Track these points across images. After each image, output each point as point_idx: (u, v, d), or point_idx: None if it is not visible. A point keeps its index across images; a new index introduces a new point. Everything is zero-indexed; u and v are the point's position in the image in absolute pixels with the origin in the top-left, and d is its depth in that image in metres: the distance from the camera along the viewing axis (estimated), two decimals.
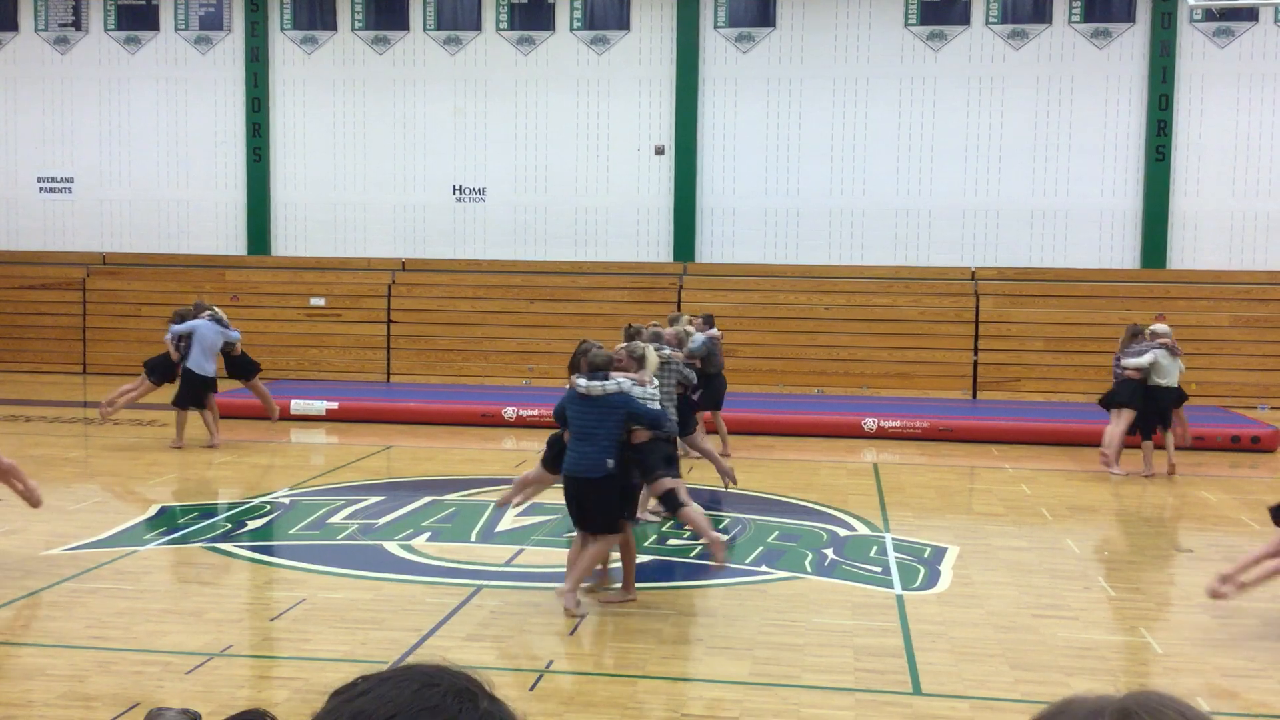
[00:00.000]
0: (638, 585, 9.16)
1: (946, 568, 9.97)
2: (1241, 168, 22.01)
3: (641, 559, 9.98)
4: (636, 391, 8.69)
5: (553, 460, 8.95)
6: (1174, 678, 7.41)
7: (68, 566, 9.55)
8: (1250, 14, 21.70)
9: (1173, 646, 8.08)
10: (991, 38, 22.35)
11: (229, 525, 11.21)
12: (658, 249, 23.33)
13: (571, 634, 8.15)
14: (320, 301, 23.29)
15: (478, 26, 23.55)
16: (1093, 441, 15.69)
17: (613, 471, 8.37)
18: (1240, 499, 13.12)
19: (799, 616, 8.51)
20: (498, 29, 23.51)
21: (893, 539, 10.96)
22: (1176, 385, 14.33)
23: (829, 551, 10.47)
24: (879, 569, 9.92)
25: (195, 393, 15.39)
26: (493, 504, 10.75)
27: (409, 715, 1.15)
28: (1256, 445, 16.49)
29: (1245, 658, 7.95)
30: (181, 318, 15.72)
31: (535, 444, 16.30)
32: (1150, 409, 14.25)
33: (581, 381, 8.54)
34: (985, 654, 7.78)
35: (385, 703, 1.17)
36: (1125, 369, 14.28)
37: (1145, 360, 14.10)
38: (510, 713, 1.23)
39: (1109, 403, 14.54)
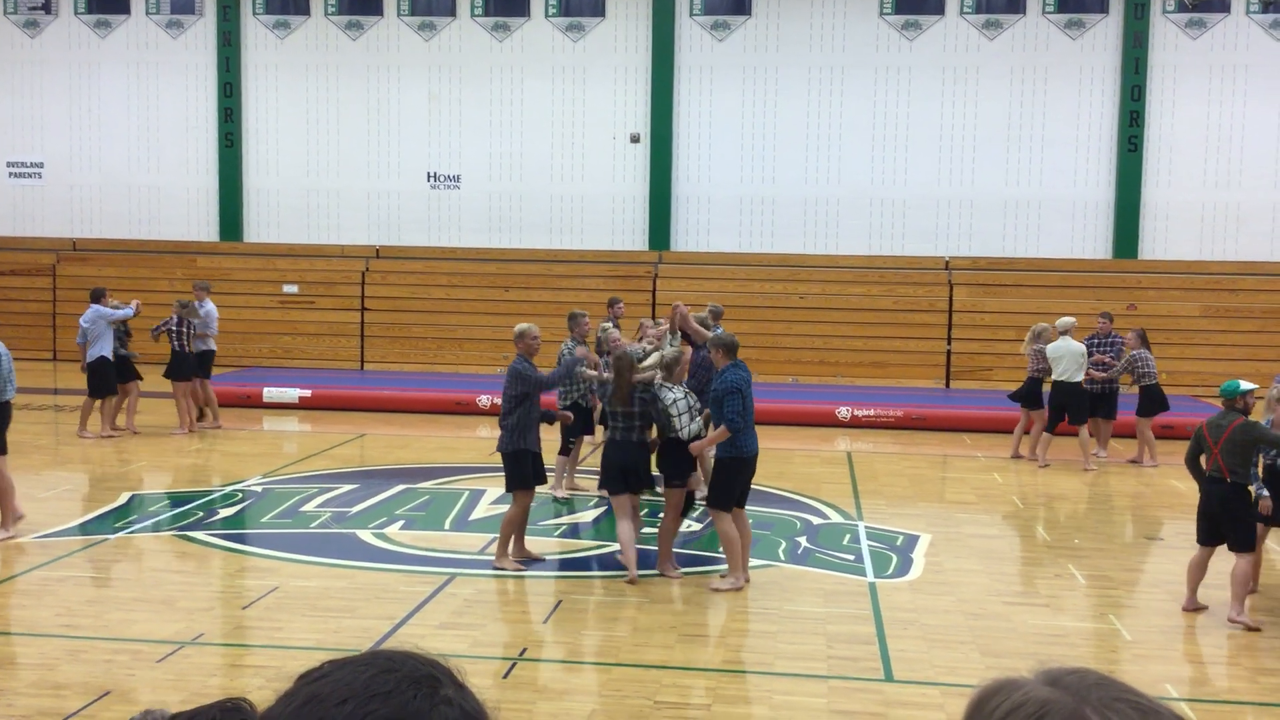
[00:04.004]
0: (614, 574, 9.20)
1: (919, 555, 10.03)
2: (1213, 159, 22.16)
3: (617, 548, 10.00)
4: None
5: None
6: (1143, 664, 7.48)
7: (38, 554, 9.49)
8: (1222, 5, 21.83)
9: (1141, 634, 8.16)
10: (966, 28, 22.41)
11: (201, 513, 11.15)
12: (633, 237, 23.31)
13: (545, 621, 8.15)
14: (293, 288, 23.16)
15: (452, 12, 23.44)
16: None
17: None
18: None
19: (772, 604, 8.55)
20: (472, 15, 23.40)
21: (865, 527, 11.01)
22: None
23: (802, 539, 10.52)
24: (852, 556, 9.97)
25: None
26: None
27: (361, 700, 1.15)
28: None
29: (1213, 645, 8.04)
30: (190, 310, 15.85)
31: None
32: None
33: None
34: (956, 641, 7.83)
35: (340, 686, 1.18)
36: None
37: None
38: (477, 702, 1.22)
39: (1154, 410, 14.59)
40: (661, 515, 9.56)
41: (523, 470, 9.28)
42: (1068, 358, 14.20)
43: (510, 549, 9.38)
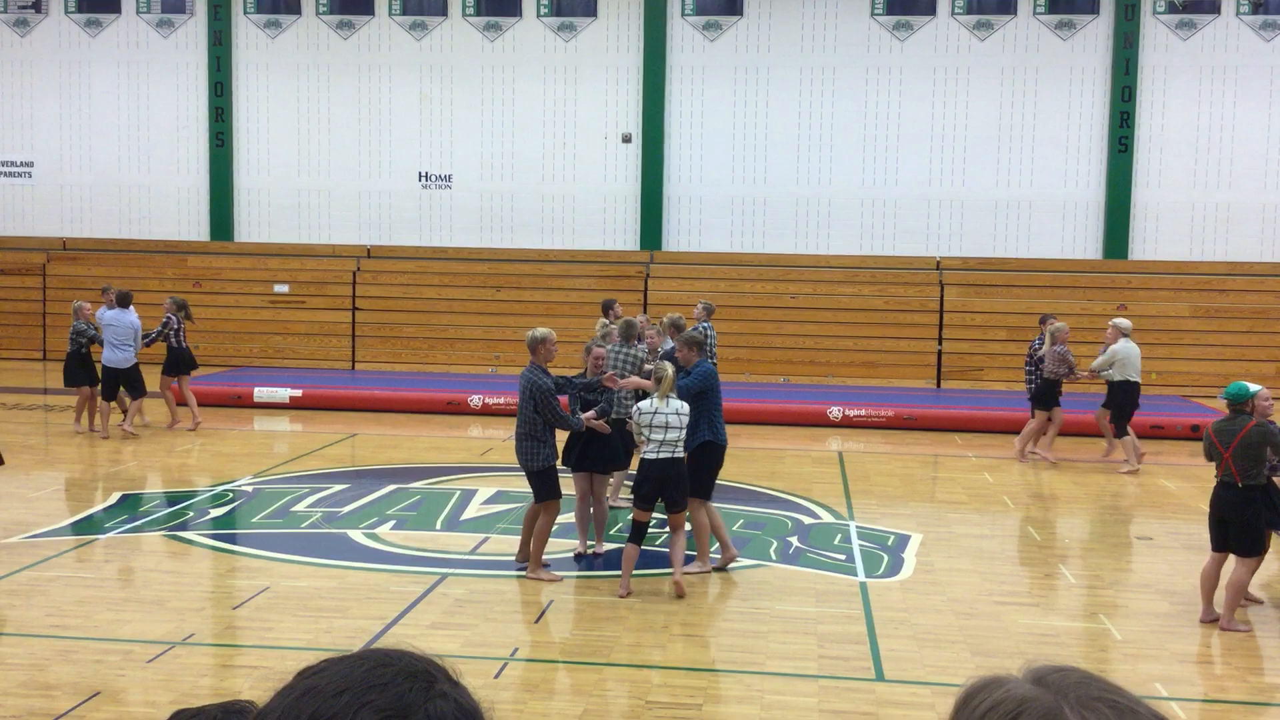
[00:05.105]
0: (608, 574, 9.21)
1: (909, 555, 10.04)
2: (1203, 159, 22.23)
3: (606, 546, 10.01)
4: None
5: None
6: (1133, 664, 7.50)
7: (27, 554, 9.46)
8: (1212, 6, 21.90)
9: (1132, 633, 8.18)
10: (957, 28, 22.45)
11: (191, 513, 11.13)
12: (624, 237, 23.31)
13: (536, 621, 8.15)
14: (284, 288, 23.11)
15: (444, 12, 23.42)
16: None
17: None
18: (1199, 487, 13.25)
19: (763, 604, 8.55)
20: (464, 14, 23.38)
21: (857, 527, 11.02)
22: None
23: (794, 539, 10.52)
24: (843, 556, 9.98)
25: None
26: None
27: (358, 692, 1.18)
28: None
29: (1202, 644, 8.06)
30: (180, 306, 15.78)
31: (501, 431, 16.29)
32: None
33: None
34: (947, 640, 7.84)
35: (337, 679, 1.20)
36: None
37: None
38: (472, 699, 1.24)
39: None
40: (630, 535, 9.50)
41: (552, 482, 9.08)
42: (1133, 357, 14.36)
43: (518, 551, 9.37)
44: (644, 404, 8.81)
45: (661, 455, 8.71)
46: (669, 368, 8.88)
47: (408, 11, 23.46)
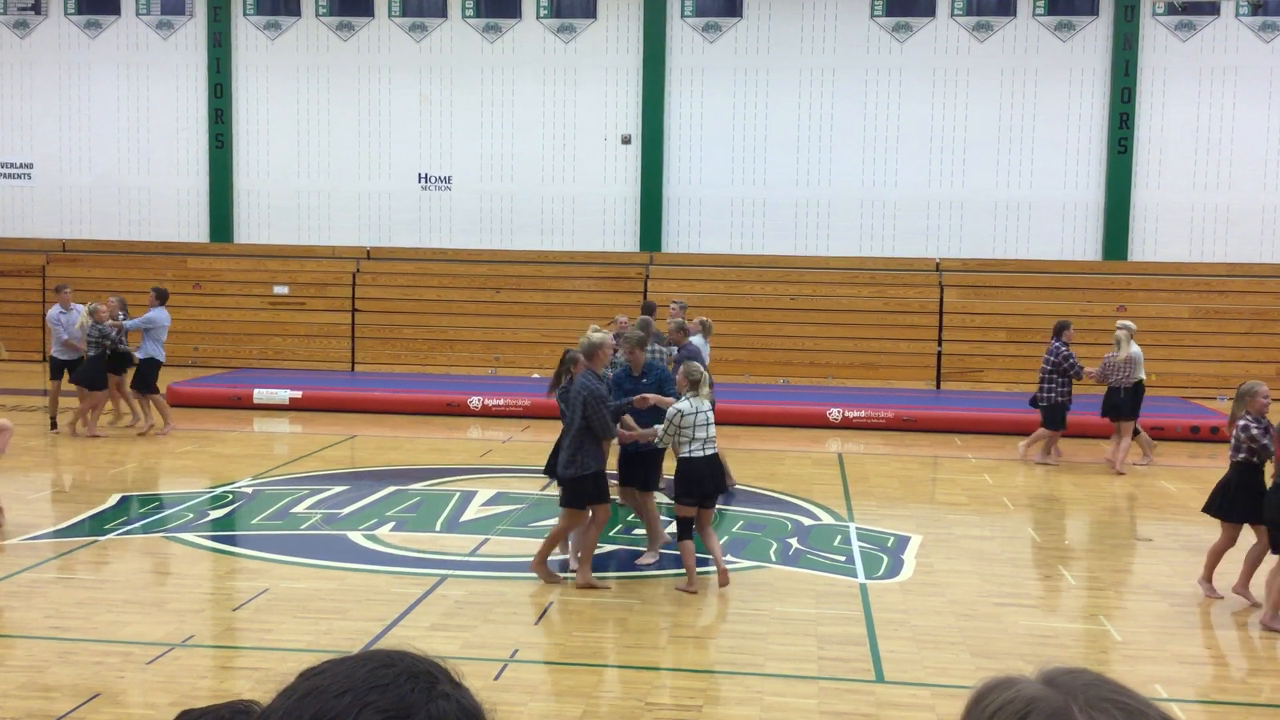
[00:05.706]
0: (603, 574, 9.21)
1: (909, 556, 10.04)
2: (1202, 161, 22.23)
3: (606, 548, 10.02)
4: None
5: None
6: (1132, 665, 7.50)
7: (27, 556, 9.46)
8: (1212, 8, 21.89)
9: (1131, 634, 8.18)
10: (956, 30, 22.45)
11: (191, 515, 11.12)
12: (624, 238, 23.32)
13: (536, 623, 8.15)
14: (284, 290, 23.11)
15: (443, 13, 23.42)
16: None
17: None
18: (1199, 489, 13.24)
19: (763, 605, 8.55)
20: (463, 16, 23.39)
21: (856, 528, 11.02)
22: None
23: (794, 540, 10.52)
24: (843, 558, 9.98)
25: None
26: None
27: (360, 692, 1.19)
28: (1215, 436, 16.67)
29: (1202, 645, 8.07)
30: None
31: (501, 433, 16.30)
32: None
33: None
34: (947, 642, 7.84)
35: (339, 679, 1.22)
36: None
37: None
38: (474, 700, 1.24)
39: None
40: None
41: (578, 493, 8.95)
42: (1141, 357, 14.61)
43: (576, 566, 9.16)
44: (683, 405, 8.79)
45: (708, 452, 8.88)
46: (700, 368, 8.99)
47: (407, 13, 23.47)
